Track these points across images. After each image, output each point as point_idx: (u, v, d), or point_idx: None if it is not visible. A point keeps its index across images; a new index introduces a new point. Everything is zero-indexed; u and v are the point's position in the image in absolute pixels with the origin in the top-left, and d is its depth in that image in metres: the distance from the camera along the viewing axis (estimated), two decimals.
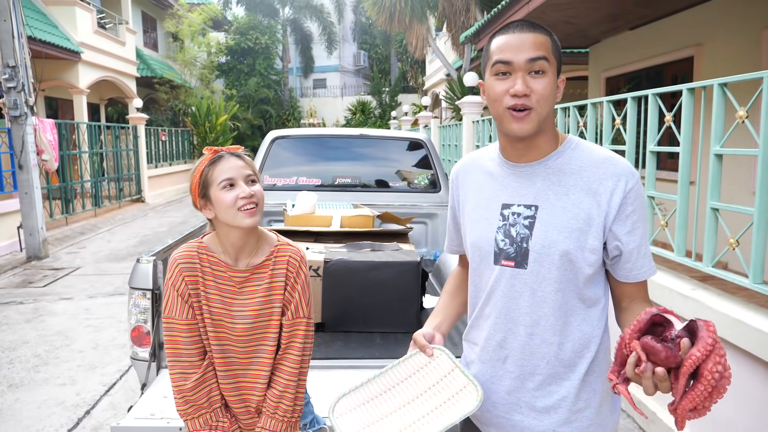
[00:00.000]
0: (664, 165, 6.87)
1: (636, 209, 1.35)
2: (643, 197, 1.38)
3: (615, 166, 1.36)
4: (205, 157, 1.70)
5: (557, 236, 1.35)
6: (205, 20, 22.84)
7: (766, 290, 2.61)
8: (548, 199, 1.38)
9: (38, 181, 8.61)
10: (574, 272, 1.36)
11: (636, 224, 1.35)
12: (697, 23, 6.79)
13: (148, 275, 2.66)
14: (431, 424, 1.30)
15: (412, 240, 4.29)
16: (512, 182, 1.44)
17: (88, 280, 7.24)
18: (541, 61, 1.32)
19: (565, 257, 1.35)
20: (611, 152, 1.41)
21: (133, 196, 15.23)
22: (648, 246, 1.39)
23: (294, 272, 1.76)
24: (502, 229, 1.42)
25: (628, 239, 1.35)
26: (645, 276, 1.38)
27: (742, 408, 2.71)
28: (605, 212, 1.34)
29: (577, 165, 1.38)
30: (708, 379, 1.01)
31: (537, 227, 1.37)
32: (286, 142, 4.93)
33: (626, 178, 1.34)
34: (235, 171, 1.66)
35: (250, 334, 1.73)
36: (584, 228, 1.34)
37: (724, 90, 2.94)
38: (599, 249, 1.35)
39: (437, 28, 20.19)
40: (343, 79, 36.51)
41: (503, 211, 1.43)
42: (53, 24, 14.36)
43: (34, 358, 4.65)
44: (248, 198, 1.64)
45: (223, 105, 21.40)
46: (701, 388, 1.02)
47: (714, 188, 2.99)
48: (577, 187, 1.36)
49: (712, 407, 1.05)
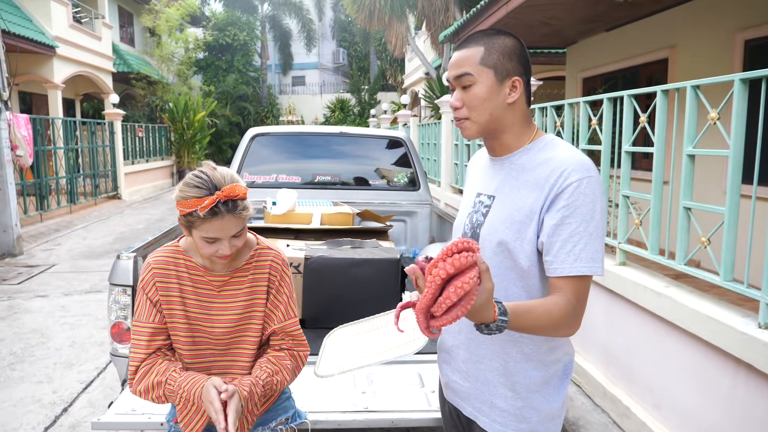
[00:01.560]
0: (639, 165, 6.99)
1: (570, 204, 1.34)
2: (589, 197, 1.35)
3: (564, 163, 1.38)
4: (201, 201, 1.53)
5: (499, 226, 1.44)
6: (182, 15, 22.62)
7: (736, 288, 2.69)
8: (504, 192, 1.48)
9: (12, 177, 8.46)
10: (512, 261, 1.43)
11: (566, 219, 1.34)
12: (672, 26, 6.91)
13: (128, 271, 2.65)
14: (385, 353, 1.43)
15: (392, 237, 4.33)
16: (486, 173, 1.58)
17: (64, 278, 7.15)
18: (464, 77, 1.44)
19: (501, 246, 1.43)
20: (575, 153, 1.42)
21: (109, 192, 15.02)
22: (582, 244, 1.33)
23: (278, 276, 1.76)
24: (470, 215, 1.57)
25: (552, 231, 1.35)
26: (561, 272, 1.34)
27: (711, 402, 2.79)
28: (541, 205, 1.38)
29: (536, 163, 1.44)
30: (450, 290, 1.07)
31: (489, 216, 1.49)
32: (266, 139, 4.93)
33: (568, 173, 1.36)
34: (224, 232, 1.57)
35: (230, 337, 1.73)
36: (525, 221, 1.40)
37: (696, 92, 3.01)
38: (535, 241, 1.39)
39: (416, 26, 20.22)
40: (322, 77, 36.39)
41: (475, 199, 1.57)
42: (27, 17, 14.11)
43: (9, 356, 4.59)
44: (226, 257, 1.62)
45: (201, 101, 21.19)
46: (431, 293, 1.09)
47: (686, 188, 3.06)
48: (528, 183, 1.43)
49: (453, 323, 1.10)
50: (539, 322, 1.30)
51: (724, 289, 2.83)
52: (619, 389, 3.65)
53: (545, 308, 1.30)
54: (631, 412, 3.42)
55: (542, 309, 1.30)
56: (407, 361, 2.86)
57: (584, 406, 3.79)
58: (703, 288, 3.18)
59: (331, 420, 2.36)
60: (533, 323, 1.29)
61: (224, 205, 1.54)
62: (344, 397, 2.52)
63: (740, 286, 2.66)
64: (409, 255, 4.90)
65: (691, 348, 2.93)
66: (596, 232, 1.35)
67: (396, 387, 2.61)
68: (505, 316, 1.21)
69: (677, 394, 3.07)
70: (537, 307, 1.30)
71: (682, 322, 2.96)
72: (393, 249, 3.51)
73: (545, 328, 1.32)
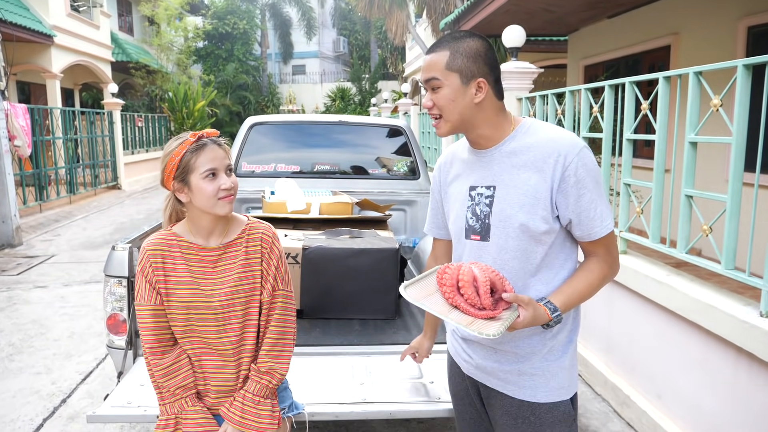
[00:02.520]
0: (640, 153, 6.94)
1: (580, 179, 1.50)
2: (589, 166, 1.51)
3: (556, 144, 1.52)
4: (186, 141, 1.70)
5: (511, 210, 1.55)
6: (182, 4, 22.47)
7: (738, 276, 2.66)
8: (503, 179, 1.57)
9: (11, 168, 8.43)
10: (529, 241, 1.55)
11: (581, 192, 1.50)
12: (674, 12, 6.84)
13: (123, 263, 2.63)
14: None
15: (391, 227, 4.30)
16: (477, 166, 1.64)
17: (63, 268, 7.14)
18: (432, 81, 1.55)
19: (521, 228, 1.54)
20: (558, 131, 1.56)
21: (109, 182, 14.99)
22: (600, 206, 1.53)
23: (268, 247, 1.81)
24: (470, 208, 1.64)
25: (574, 208, 1.52)
26: (596, 236, 1.55)
27: (712, 391, 2.77)
28: (550, 186, 1.51)
29: (525, 146, 1.55)
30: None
31: (495, 205, 1.58)
32: (264, 128, 4.89)
33: (565, 153, 1.50)
34: (218, 161, 1.69)
35: (226, 311, 1.75)
36: (533, 202, 1.52)
37: (699, 78, 2.97)
38: (549, 219, 1.53)
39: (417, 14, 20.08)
40: (323, 66, 36.24)
41: (471, 192, 1.64)
42: (24, 6, 14.01)
43: (8, 347, 4.58)
44: (229, 190, 1.69)
45: (200, 91, 21.09)
46: None
47: (688, 176, 3.03)
48: (526, 167, 1.54)
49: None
50: (585, 294, 1.57)
51: (725, 278, 2.81)
52: (619, 378, 3.63)
53: (586, 281, 1.57)
54: (631, 401, 3.41)
55: (584, 284, 1.57)
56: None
57: (584, 395, 3.77)
58: (705, 276, 3.16)
59: (328, 411, 2.34)
60: (582, 298, 1.57)
61: (207, 138, 1.71)
62: (342, 388, 2.50)
63: (742, 275, 2.63)
64: (408, 244, 4.88)
65: (693, 337, 2.91)
66: (603, 192, 1.55)
67: (394, 378, 2.59)
68: (557, 312, 1.49)
69: (678, 383, 3.05)
70: (578, 284, 1.56)
71: (683, 311, 2.94)
72: (392, 239, 3.49)
73: (593, 292, 1.60)
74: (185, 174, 1.67)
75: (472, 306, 1.44)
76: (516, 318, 1.42)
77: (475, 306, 1.43)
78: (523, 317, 1.42)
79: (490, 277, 1.45)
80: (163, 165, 1.72)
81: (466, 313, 1.43)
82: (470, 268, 1.46)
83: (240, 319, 1.77)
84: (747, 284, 2.61)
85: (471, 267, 1.47)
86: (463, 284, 1.45)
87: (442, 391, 2.45)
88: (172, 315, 1.76)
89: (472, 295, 1.43)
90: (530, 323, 1.44)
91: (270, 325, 1.80)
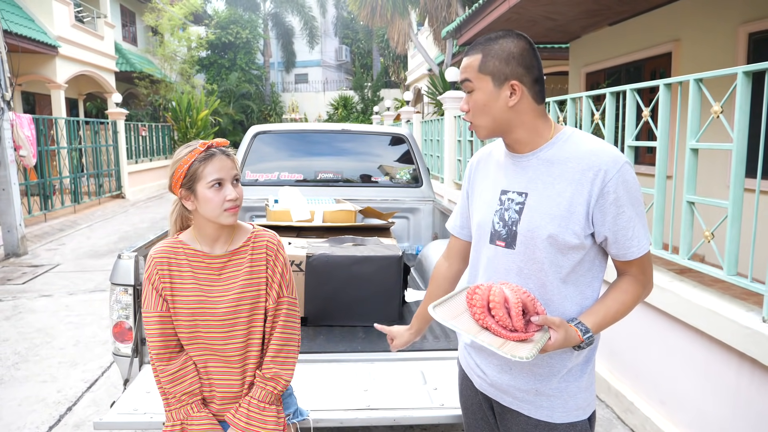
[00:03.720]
0: (642, 159, 6.96)
1: (619, 196, 1.44)
2: (630, 183, 1.46)
3: (597, 157, 1.45)
4: (195, 150, 1.71)
5: (540, 221, 1.48)
6: (185, 14, 22.58)
7: (740, 282, 2.67)
8: (537, 188, 1.51)
9: (16, 177, 8.49)
10: (557, 254, 1.49)
11: (620, 210, 1.45)
12: (675, 19, 6.87)
13: (129, 271, 2.65)
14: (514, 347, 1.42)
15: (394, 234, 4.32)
16: (511, 171, 1.58)
17: (68, 277, 7.17)
18: (466, 83, 1.53)
19: (549, 240, 1.48)
20: (599, 143, 1.49)
21: (113, 192, 15.04)
22: (638, 226, 1.48)
23: (273, 255, 1.83)
24: (498, 213, 1.58)
25: (611, 226, 1.46)
26: (632, 256, 1.49)
27: (715, 396, 2.77)
28: (587, 201, 1.45)
29: (564, 156, 1.49)
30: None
31: (525, 213, 1.52)
32: (267, 137, 4.92)
33: (605, 168, 1.43)
34: (225, 172, 1.70)
35: (232, 318, 1.77)
36: (566, 215, 1.46)
37: (699, 85, 2.99)
38: (581, 234, 1.47)
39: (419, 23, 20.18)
40: (325, 74, 36.34)
41: (501, 197, 1.58)
42: (29, 17, 14.13)
43: (14, 355, 4.60)
44: (234, 201, 1.71)
45: (203, 100, 21.18)
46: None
47: (690, 182, 3.04)
48: (562, 177, 1.48)
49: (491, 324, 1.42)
50: (618, 315, 1.52)
51: (728, 284, 2.81)
52: (623, 384, 3.63)
53: (619, 302, 1.51)
54: (635, 407, 3.41)
55: (617, 304, 1.51)
56: (409, 358, 2.85)
57: None
58: (708, 282, 3.16)
59: (333, 418, 2.35)
60: (614, 318, 1.51)
61: (215, 148, 1.72)
62: (346, 394, 2.51)
63: (744, 281, 2.64)
64: (411, 252, 4.89)
65: (696, 343, 2.91)
66: (642, 210, 1.51)
67: (398, 384, 2.60)
68: (588, 333, 1.46)
69: (681, 389, 3.05)
70: (611, 304, 1.51)
71: (686, 317, 2.94)
72: (395, 246, 3.50)
73: (626, 312, 1.53)
74: (192, 182, 1.70)
75: (504, 328, 1.41)
76: (547, 340, 1.39)
77: (507, 328, 1.41)
78: (554, 339, 1.39)
79: (522, 299, 1.42)
80: (171, 171, 1.74)
81: (497, 334, 1.41)
82: (501, 289, 1.43)
83: (245, 325, 1.79)
84: (749, 290, 2.62)
85: (502, 288, 1.44)
86: (495, 305, 1.42)
87: (445, 397, 2.46)
88: (178, 322, 1.78)
89: (504, 316, 1.41)
90: (562, 345, 1.41)
91: (275, 331, 1.82)
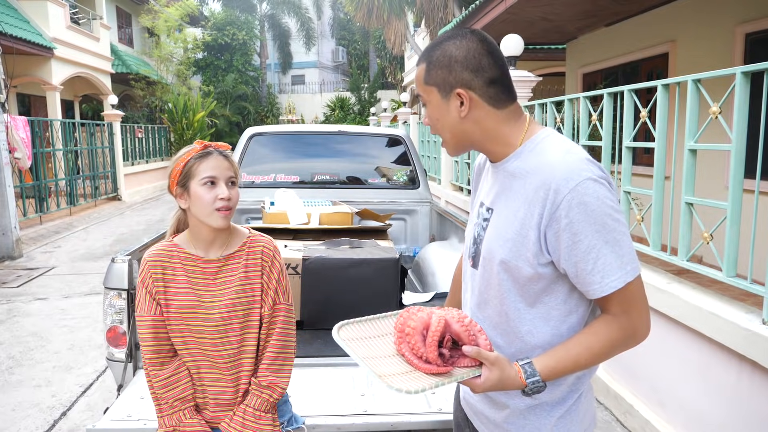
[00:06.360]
0: (639, 160, 6.95)
1: (573, 221, 1.18)
2: (590, 205, 1.18)
3: (550, 173, 1.21)
4: (193, 148, 1.72)
5: (495, 243, 1.31)
6: (181, 15, 22.56)
7: (739, 283, 2.65)
8: (500, 203, 1.34)
9: (11, 180, 8.44)
10: (513, 283, 1.30)
11: (576, 237, 1.19)
12: (671, 20, 6.87)
13: (123, 275, 2.62)
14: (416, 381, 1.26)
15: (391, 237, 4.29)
16: (488, 181, 1.43)
17: (64, 280, 7.13)
18: (421, 96, 1.36)
19: (502, 265, 1.29)
20: (562, 154, 1.25)
21: (109, 194, 14.99)
22: (605, 257, 1.19)
23: (269, 261, 1.80)
24: (475, 226, 1.43)
25: (568, 257, 1.22)
26: (595, 294, 1.22)
27: (715, 399, 2.75)
28: (537, 224, 1.23)
29: (526, 169, 1.28)
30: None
31: (488, 231, 1.35)
32: (264, 138, 4.90)
33: (555, 187, 1.19)
34: (219, 171, 1.69)
35: (225, 323, 1.74)
36: (518, 239, 1.26)
37: (697, 86, 2.98)
38: (534, 263, 1.25)
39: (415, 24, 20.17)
40: (322, 76, 36.32)
41: (480, 209, 1.43)
42: (25, 19, 14.08)
43: (8, 359, 4.56)
44: (226, 200, 1.68)
45: (200, 101, 21.15)
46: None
47: (688, 183, 3.03)
48: (519, 194, 1.28)
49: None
50: (582, 361, 1.24)
51: (727, 285, 2.80)
52: (622, 387, 3.61)
53: (583, 345, 1.24)
54: (634, 410, 3.39)
55: (579, 347, 1.24)
56: None
57: None
58: (706, 284, 3.15)
59: (329, 424, 2.32)
60: (576, 364, 1.24)
61: (214, 149, 1.72)
62: (343, 399, 2.49)
63: (743, 282, 2.62)
64: (409, 254, 4.87)
65: (695, 345, 2.90)
66: (613, 237, 1.19)
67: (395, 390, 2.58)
68: (535, 377, 1.21)
69: (681, 392, 3.04)
70: (572, 347, 1.24)
71: (685, 319, 2.93)
72: (392, 248, 3.48)
73: (595, 360, 1.26)
74: (186, 179, 1.68)
75: (416, 356, 1.25)
76: (475, 378, 1.20)
77: (420, 357, 1.24)
78: (484, 378, 1.19)
79: (453, 328, 1.23)
80: (169, 170, 1.73)
81: (409, 362, 1.25)
82: (429, 315, 1.26)
83: (239, 332, 1.76)
84: (749, 292, 2.60)
85: (432, 313, 1.26)
86: (410, 331, 1.26)
87: (443, 402, 2.43)
88: (171, 326, 1.75)
89: (417, 343, 1.24)
90: (495, 386, 1.20)
91: (271, 339, 1.79)
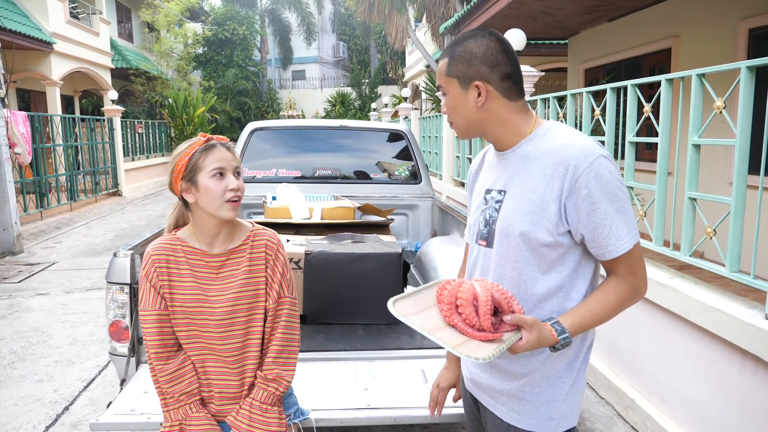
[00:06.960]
0: (642, 156, 6.93)
1: (592, 191, 1.37)
2: (605, 177, 1.37)
3: (567, 151, 1.40)
4: (196, 142, 1.71)
5: (513, 218, 1.46)
6: (181, 10, 22.47)
7: (742, 279, 2.65)
8: (514, 185, 1.50)
9: (11, 175, 8.43)
10: (531, 253, 1.46)
11: (594, 207, 1.38)
12: (674, 15, 6.85)
13: (125, 269, 2.62)
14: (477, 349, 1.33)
15: (393, 231, 4.29)
16: (495, 169, 1.58)
17: (65, 275, 7.13)
18: (441, 88, 1.54)
19: (522, 237, 1.45)
20: (573, 136, 1.44)
21: (109, 189, 14.98)
22: (617, 223, 1.39)
23: (273, 255, 1.81)
24: (483, 212, 1.58)
25: (587, 223, 1.40)
26: (611, 255, 1.42)
27: (717, 394, 2.75)
28: (558, 197, 1.40)
29: (540, 151, 1.46)
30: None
31: (502, 210, 1.51)
32: (265, 133, 4.89)
33: (575, 163, 1.38)
34: (226, 162, 1.70)
35: (230, 317, 1.74)
36: (538, 211, 1.43)
37: (701, 80, 2.96)
38: (554, 231, 1.42)
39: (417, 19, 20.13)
40: (323, 71, 36.26)
41: (486, 196, 1.58)
42: (24, 14, 14.04)
43: (10, 354, 4.56)
44: (236, 190, 1.69)
45: (200, 97, 21.11)
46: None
47: (692, 178, 3.02)
48: (536, 173, 1.45)
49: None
50: (601, 316, 1.43)
51: (729, 280, 2.79)
52: (623, 381, 3.61)
53: (602, 302, 1.44)
54: (636, 405, 3.39)
55: (598, 305, 1.43)
56: (409, 357, 2.83)
57: (588, 399, 3.76)
58: (708, 279, 3.14)
59: (333, 417, 2.33)
60: (596, 320, 1.43)
61: (216, 141, 1.73)
62: (346, 393, 2.49)
63: (746, 277, 2.62)
64: (410, 249, 4.87)
65: (697, 340, 2.90)
66: (623, 206, 1.41)
67: (398, 383, 2.58)
68: (565, 334, 1.38)
69: (683, 387, 3.04)
70: (593, 305, 1.43)
71: (688, 314, 2.93)
72: (394, 243, 3.48)
73: (610, 315, 1.45)
74: (193, 173, 1.68)
75: (471, 326, 1.34)
76: (518, 341, 1.33)
77: (474, 327, 1.34)
78: (525, 340, 1.33)
79: (495, 296, 1.35)
80: (171, 167, 1.72)
81: (463, 333, 1.34)
82: (472, 286, 1.36)
83: (243, 325, 1.76)
84: (752, 287, 2.60)
85: (473, 284, 1.37)
86: (462, 303, 1.35)
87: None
88: (176, 320, 1.75)
89: (471, 314, 1.34)
90: (534, 346, 1.35)
91: (276, 332, 1.79)
